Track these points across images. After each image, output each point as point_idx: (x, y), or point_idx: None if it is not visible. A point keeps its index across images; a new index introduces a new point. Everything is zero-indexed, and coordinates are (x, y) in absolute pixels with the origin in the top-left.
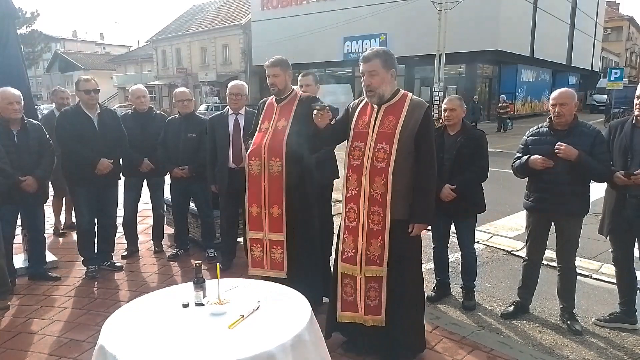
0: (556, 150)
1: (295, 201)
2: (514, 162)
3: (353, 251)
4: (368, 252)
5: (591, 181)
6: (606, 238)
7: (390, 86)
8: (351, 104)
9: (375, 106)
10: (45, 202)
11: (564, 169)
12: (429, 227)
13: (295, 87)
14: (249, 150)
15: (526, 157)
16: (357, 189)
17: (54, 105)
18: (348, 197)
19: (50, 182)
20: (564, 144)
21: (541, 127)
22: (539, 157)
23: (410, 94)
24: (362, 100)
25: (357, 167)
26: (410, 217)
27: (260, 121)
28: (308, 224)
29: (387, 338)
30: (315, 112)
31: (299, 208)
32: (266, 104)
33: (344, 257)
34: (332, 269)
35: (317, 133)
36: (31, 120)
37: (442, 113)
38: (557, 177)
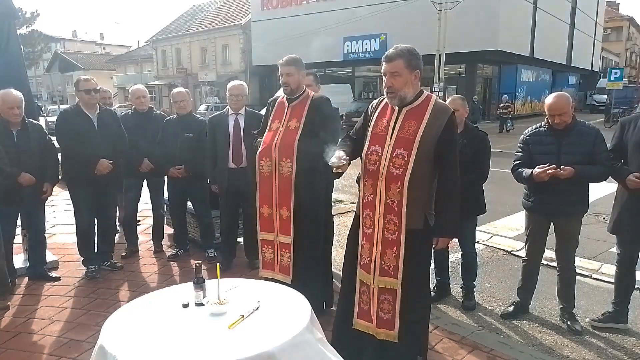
0: (560, 176)
1: (304, 203)
2: (516, 169)
3: (368, 259)
4: (382, 262)
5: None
6: (628, 240)
7: (413, 88)
8: (370, 105)
9: (396, 108)
10: (45, 202)
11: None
12: None
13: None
14: (259, 150)
15: (530, 171)
16: (372, 196)
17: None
18: (364, 203)
19: None
20: (564, 172)
21: (540, 127)
22: (543, 170)
23: (434, 97)
24: (382, 100)
25: (373, 173)
26: (435, 230)
27: (270, 120)
28: (315, 227)
29: (393, 350)
30: (335, 170)
31: (307, 210)
32: (277, 103)
33: (361, 263)
34: (331, 274)
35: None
36: (32, 120)
37: None
38: (558, 177)
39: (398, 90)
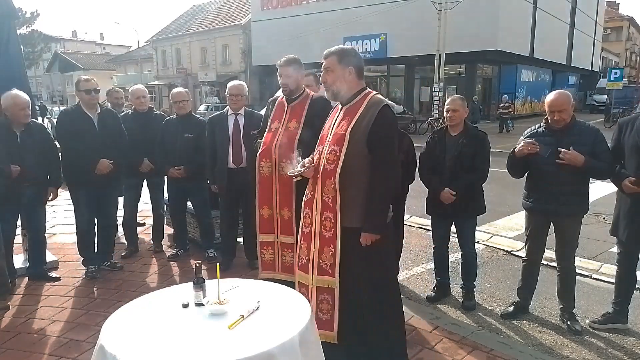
0: (561, 157)
1: None
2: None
3: (306, 258)
4: (320, 261)
5: (591, 180)
6: (624, 241)
7: (347, 84)
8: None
9: (339, 108)
10: (46, 203)
11: (566, 170)
12: (429, 228)
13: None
14: (259, 151)
15: (514, 148)
16: (312, 193)
17: (109, 105)
18: (305, 201)
19: None
20: (569, 152)
21: (538, 128)
22: (523, 144)
23: (372, 93)
24: (336, 104)
25: (314, 171)
26: (362, 226)
27: (270, 120)
28: None
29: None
30: (294, 179)
31: None
32: (276, 103)
33: (299, 264)
34: None
35: None
36: (35, 121)
37: (445, 113)
38: (558, 178)
39: (331, 84)
